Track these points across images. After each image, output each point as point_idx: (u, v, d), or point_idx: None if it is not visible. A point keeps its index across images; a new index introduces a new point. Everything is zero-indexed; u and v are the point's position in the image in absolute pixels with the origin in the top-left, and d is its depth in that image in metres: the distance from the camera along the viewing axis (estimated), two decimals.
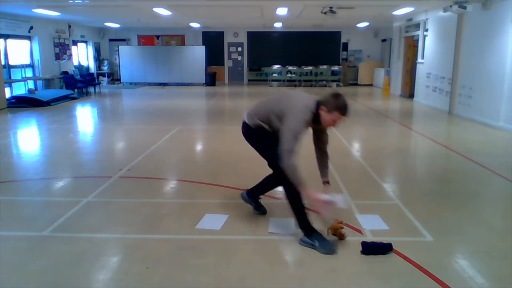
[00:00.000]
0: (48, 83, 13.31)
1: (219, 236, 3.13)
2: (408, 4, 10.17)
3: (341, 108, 2.80)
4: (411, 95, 12.65)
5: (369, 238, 3.09)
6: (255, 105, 3.22)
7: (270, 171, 3.27)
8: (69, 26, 14.70)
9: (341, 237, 3.00)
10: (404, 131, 7.93)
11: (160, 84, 17.53)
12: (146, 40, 18.71)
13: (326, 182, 3.20)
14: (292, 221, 3.29)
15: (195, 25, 16.19)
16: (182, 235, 3.18)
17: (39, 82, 13.03)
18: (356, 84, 17.64)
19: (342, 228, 3.03)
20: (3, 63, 10.96)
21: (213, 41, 18.50)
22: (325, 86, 17.26)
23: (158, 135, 7.06)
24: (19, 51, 12.42)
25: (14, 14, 11.43)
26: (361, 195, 4.06)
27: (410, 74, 12.96)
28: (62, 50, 14.28)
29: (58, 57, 14.00)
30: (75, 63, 15.71)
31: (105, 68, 18.12)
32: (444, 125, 8.52)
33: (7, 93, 11.01)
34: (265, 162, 3.21)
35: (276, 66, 17.86)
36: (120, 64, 17.64)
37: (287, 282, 2.54)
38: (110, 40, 18.62)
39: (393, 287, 2.47)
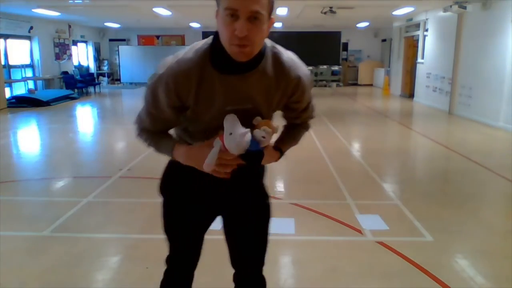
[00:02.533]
0: (48, 83, 13.30)
1: (219, 236, 3.12)
2: (408, 4, 10.16)
3: None
4: (411, 95, 12.64)
5: (369, 238, 3.09)
6: None
7: None
8: (69, 26, 14.69)
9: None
10: (404, 131, 7.93)
11: None
12: (146, 40, 18.69)
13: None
14: (292, 221, 3.30)
15: (195, 25, 16.17)
16: None
17: (39, 82, 13.02)
18: (356, 84, 17.63)
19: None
20: (3, 63, 10.95)
21: None
22: (325, 86, 17.26)
23: None
24: (19, 51, 12.41)
25: (14, 14, 11.42)
26: (361, 195, 4.06)
27: (410, 74, 12.96)
28: (62, 50, 14.27)
29: (58, 57, 13.99)
30: (75, 63, 15.70)
31: (105, 68, 18.11)
32: (444, 125, 8.52)
33: (7, 93, 11.00)
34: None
35: None
36: (120, 64, 17.64)
37: (287, 282, 2.54)
38: (110, 40, 18.60)
39: (393, 287, 2.47)
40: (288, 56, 1.36)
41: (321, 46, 18.24)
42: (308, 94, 1.43)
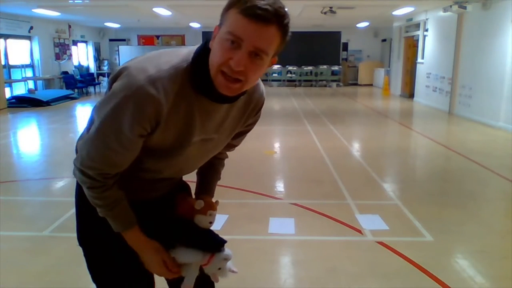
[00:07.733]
0: (48, 83, 13.30)
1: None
2: (408, 4, 10.17)
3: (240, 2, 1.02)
4: (411, 95, 12.64)
5: (370, 238, 3.09)
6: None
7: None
8: (69, 26, 14.69)
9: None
10: (404, 131, 7.93)
11: None
12: (146, 40, 18.70)
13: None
14: (292, 221, 3.30)
15: (195, 25, 16.17)
16: None
17: (39, 82, 13.01)
18: (356, 84, 17.63)
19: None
20: (3, 63, 10.95)
21: None
22: (325, 86, 17.26)
23: None
24: (19, 51, 12.41)
25: (14, 14, 11.42)
26: (361, 195, 4.06)
27: (410, 74, 12.96)
28: (62, 50, 14.27)
29: (58, 57, 13.99)
30: (75, 63, 15.70)
31: (105, 68, 18.11)
32: (444, 125, 8.52)
33: (7, 93, 11.00)
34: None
35: (276, 66, 17.84)
36: (120, 64, 17.63)
37: (287, 282, 2.54)
38: (110, 40, 18.61)
39: (393, 287, 2.47)
40: None
41: (321, 46, 18.23)
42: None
